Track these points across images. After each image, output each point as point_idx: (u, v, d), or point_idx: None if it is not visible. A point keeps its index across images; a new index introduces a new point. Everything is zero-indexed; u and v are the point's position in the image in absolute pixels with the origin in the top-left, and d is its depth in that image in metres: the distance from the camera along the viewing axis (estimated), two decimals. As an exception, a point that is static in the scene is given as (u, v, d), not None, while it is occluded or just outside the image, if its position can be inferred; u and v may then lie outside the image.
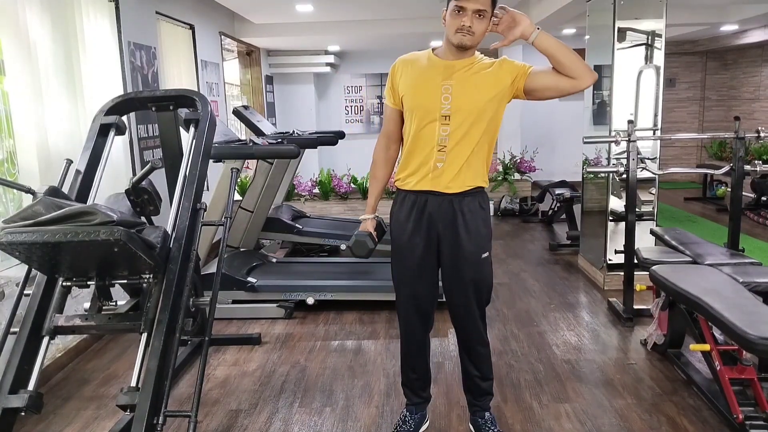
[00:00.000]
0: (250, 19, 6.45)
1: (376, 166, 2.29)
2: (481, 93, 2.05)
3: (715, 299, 2.37)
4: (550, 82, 2.06)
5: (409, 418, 2.41)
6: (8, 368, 1.98)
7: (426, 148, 2.09)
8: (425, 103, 2.07)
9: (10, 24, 2.97)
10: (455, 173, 2.09)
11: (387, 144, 2.26)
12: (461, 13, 1.96)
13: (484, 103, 2.06)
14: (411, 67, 2.13)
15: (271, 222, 4.97)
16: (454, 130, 2.06)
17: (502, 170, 7.14)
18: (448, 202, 2.13)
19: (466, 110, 2.05)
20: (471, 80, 2.05)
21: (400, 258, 2.24)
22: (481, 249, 2.18)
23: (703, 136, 7.40)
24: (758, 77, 8.54)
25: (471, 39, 1.99)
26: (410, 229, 2.17)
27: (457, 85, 2.04)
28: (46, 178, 3.05)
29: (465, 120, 2.05)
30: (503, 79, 2.07)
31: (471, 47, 2.04)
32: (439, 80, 2.05)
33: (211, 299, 2.32)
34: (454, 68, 2.06)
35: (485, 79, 2.06)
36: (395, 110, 2.20)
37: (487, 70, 2.07)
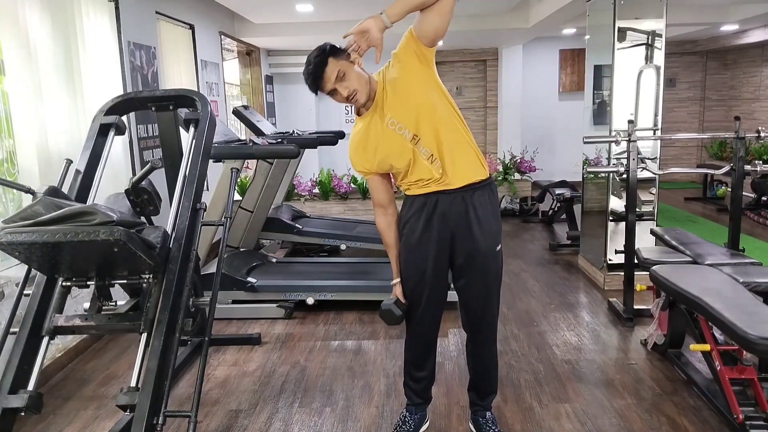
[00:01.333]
0: (250, 19, 6.45)
1: (384, 235, 2.29)
2: (413, 96, 2.05)
3: (715, 299, 2.37)
4: (433, 18, 1.96)
5: (409, 419, 2.41)
6: (8, 368, 1.98)
7: (423, 170, 2.10)
8: (394, 147, 2.08)
9: (10, 24, 2.97)
10: (454, 168, 2.09)
11: (383, 211, 2.27)
12: (335, 94, 2.01)
13: (421, 98, 2.05)
14: (362, 137, 2.15)
15: (271, 222, 4.97)
16: (426, 140, 2.06)
17: (502, 170, 7.13)
18: (460, 198, 2.12)
19: (417, 119, 2.05)
20: (397, 99, 2.05)
21: (412, 259, 2.23)
22: (495, 242, 2.19)
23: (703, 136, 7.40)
24: (758, 77, 8.54)
25: (361, 94, 2.01)
26: (421, 230, 2.17)
27: (395, 114, 2.05)
28: (46, 178, 3.05)
29: (427, 124, 2.05)
30: (411, 64, 2.04)
31: (368, 95, 2.04)
32: (383, 124, 2.07)
33: (211, 299, 2.32)
34: (379, 107, 2.07)
35: (402, 84, 2.05)
36: (376, 177, 2.21)
37: (396, 77, 2.06)
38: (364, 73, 2.04)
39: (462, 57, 8.91)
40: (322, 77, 1.98)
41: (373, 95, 2.07)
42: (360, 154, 2.18)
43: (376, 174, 2.21)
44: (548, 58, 9.07)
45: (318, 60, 1.97)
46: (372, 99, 2.08)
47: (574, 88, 9.02)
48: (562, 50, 9.04)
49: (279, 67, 8.35)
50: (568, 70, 9.12)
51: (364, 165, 2.19)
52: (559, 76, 9.15)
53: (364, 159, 2.17)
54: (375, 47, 1.96)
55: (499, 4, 6.19)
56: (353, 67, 1.99)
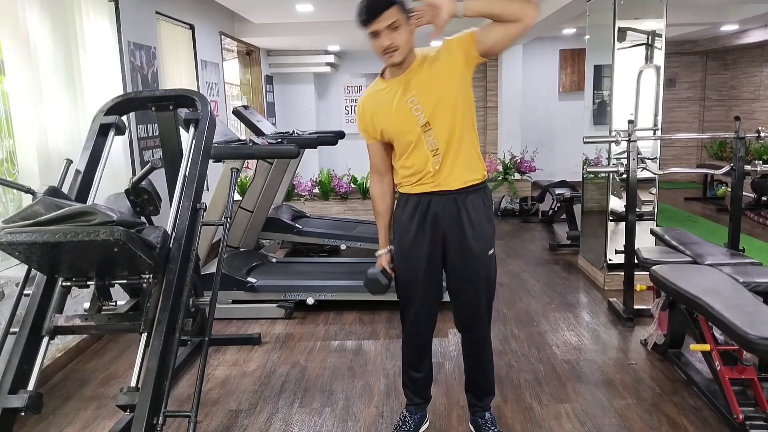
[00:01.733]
0: (250, 19, 6.45)
1: (375, 202, 2.29)
2: (444, 85, 2.04)
3: (715, 299, 2.37)
4: (499, 34, 1.97)
5: (409, 419, 2.41)
6: (8, 368, 1.98)
7: (421, 158, 2.09)
8: (402, 125, 2.07)
9: (10, 24, 2.97)
10: (452, 169, 2.09)
11: (380, 179, 2.27)
12: (377, 36, 1.95)
13: (451, 91, 2.05)
14: (376, 100, 2.13)
15: (271, 222, 4.97)
16: (438, 132, 2.06)
17: (502, 170, 7.13)
18: (453, 200, 2.12)
19: (438, 108, 2.04)
20: (429, 80, 2.04)
21: (405, 260, 2.23)
22: (487, 246, 2.18)
23: (703, 136, 7.40)
24: (758, 77, 8.54)
25: (399, 53, 1.98)
26: (414, 229, 2.17)
27: (418, 93, 2.04)
28: (46, 178, 3.05)
29: (443, 118, 2.05)
30: (456, 60, 2.04)
31: (404, 59, 2.02)
32: (402, 98, 2.06)
33: (211, 299, 2.32)
34: (408, 79, 2.05)
35: (440, 70, 2.04)
36: (377, 143, 2.20)
37: (438, 61, 2.05)
38: (412, 39, 2.01)
39: (462, 57, 8.90)
40: (380, 15, 1.90)
41: (407, 65, 2.05)
42: (368, 116, 2.15)
43: (378, 141, 2.19)
44: (548, 58, 9.07)
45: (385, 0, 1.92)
46: (403, 69, 2.05)
47: (574, 88, 9.03)
48: (562, 50, 9.04)
49: (279, 67, 8.36)
50: (568, 70, 9.12)
51: (367, 129, 2.17)
52: (559, 76, 9.15)
53: (370, 123, 2.15)
54: (435, 26, 1.93)
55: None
56: (408, 27, 1.96)
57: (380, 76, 2.15)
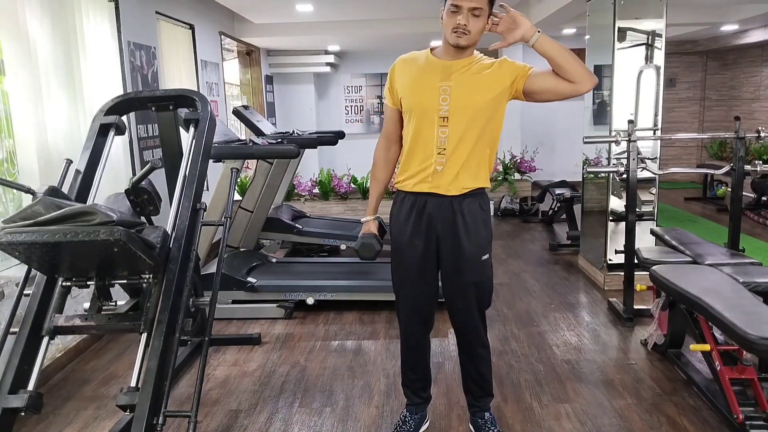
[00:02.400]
0: (250, 19, 6.45)
1: (376, 167, 2.28)
2: (480, 94, 2.04)
3: (715, 299, 2.37)
4: (550, 85, 2.04)
5: (409, 419, 2.41)
6: (8, 368, 1.98)
7: (426, 150, 2.08)
8: (423, 104, 2.06)
9: (10, 24, 2.97)
10: (454, 176, 2.08)
11: (387, 145, 2.25)
12: (457, 11, 1.94)
13: (483, 104, 2.04)
14: (409, 67, 2.12)
15: (271, 222, 4.97)
16: (452, 132, 2.04)
17: (502, 170, 7.14)
18: (448, 203, 2.12)
19: (464, 111, 2.03)
20: (469, 81, 2.04)
21: (400, 259, 2.23)
22: (481, 251, 2.17)
23: (703, 136, 7.40)
24: (758, 77, 8.54)
25: (467, 38, 1.98)
26: (410, 230, 2.16)
27: (455, 86, 2.03)
28: (46, 178, 3.05)
29: (463, 121, 2.04)
30: (503, 80, 2.06)
31: (468, 47, 2.02)
32: (437, 81, 2.04)
33: (211, 299, 2.32)
34: (452, 69, 2.04)
35: (484, 79, 2.05)
36: (395, 110, 2.19)
37: (487, 70, 2.06)
38: (482, 34, 2.02)
39: (462, 57, 8.90)
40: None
41: (460, 55, 2.04)
42: (394, 77, 2.14)
43: (396, 108, 2.17)
44: (548, 58, 9.05)
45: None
46: (456, 56, 2.04)
47: (574, 88, 9.01)
48: (562, 50, 9.02)
49: (279, 67, 8.36)
50: (568, 70, 9.10)
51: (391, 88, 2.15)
52: (559, 76, 9.13)
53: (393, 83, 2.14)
54: (504, 38, 2.01)
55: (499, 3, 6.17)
56: (486, 21, 1.98)
57: (429, 50, 2.13)
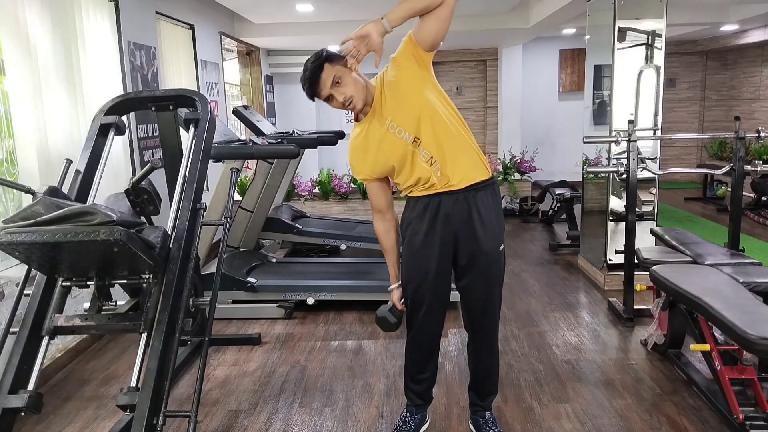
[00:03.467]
0: (250, 19, 6.45)
1: (381, 239, 2.30)
2: (412, 98, 2.05)
3: (715, 299, 2.37)
4: (432, 24, 1.96)
5: (410, 419, 2.41)
6: (8, 368, 1.98)
7: (422, 172, 2.10)
8: (394, 152, 2.09)
9: (10, 24, 2.97)
10: (454, 170, 2.09)
11: (381, 217, 2.28)
12: (330, 100, 2.01)
13: (420, 100, 2.04)
14: (361, 145, 2.15)
15: (271, 222, 4.97)
16: (427, 142, 2.06)
17: (502, 170, 7.13)
18: (463, 198, 2.12)
19: (416, 121, 2.04)
20: (397, 102, 2.05)
21: (416, 261, 2.21)
22: (498, 242, 2.19)
23: (703, 136, 7.38)
24: (758, 77, 8.54)
25: (357, 100, 2.01)
26: (425, 230, 2.16)
27: (394, 117, 2.06)
28: (46, 178, 3.05)
29: (426, 127, 2.05)
30: (409, 69, 2.04)
31: (365, 101, 2.05)
32: (382, 129, 2.08)
33: (211, 299, 2.32)
34: (377, 112, 2.08)
35: (401, 86, 2.05)
36: (375, 183, 2.22)
37: (395, 79, 2.06)
38: (361, 78, 2.04)
39: (462, 57, 8.91)
40: (318, 83, 1.98)
41: (371, 100, 2.08)
42: (360, 161, 2.18)
43: (376, 180, 2.21)
44: (548, 58, 9.07)
45: (314, 66, 1.97)
46: (370, 104, 2.08)
47: (574, 88, 9.02)
48: (562, 50, 9.04)
49: (279, 67, 8.35)
50: (568, 70, 9.12)
51: (364, 172, 2.20)
52: (559, 76, 9.15)
53: (364, 165, 2.18)
54: (374, 52, 1.95)
55: (499, 4, 6.19)
56: (350, 72, 1.99)
57: (355, 120, 2.17)
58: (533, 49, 8.83)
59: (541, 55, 9.00)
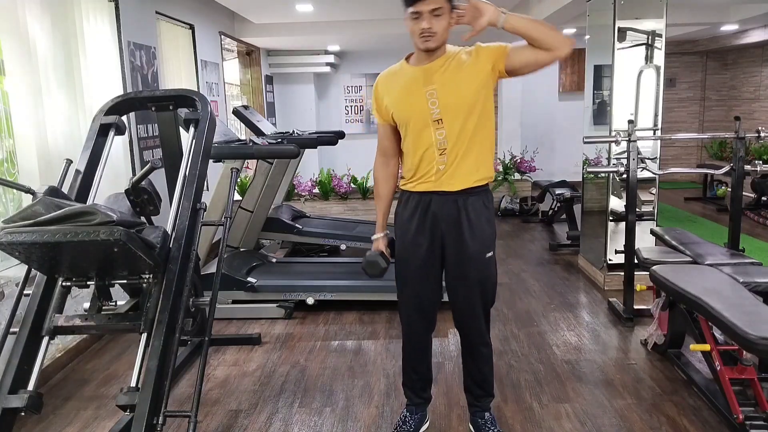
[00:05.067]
0: (250, 19, 6.45)
1: (378, 184, 2.29)
2: (466, 88, 2.05)
3: (715, 299, 2.37)
4: (530, 58, 2.02)
5: (410, 419, 2.41)
6: (8, 368, 1.98)
7: (427, 154, 2.10)
8: (415, 114, 2.08)
9: (10, 24, 2.97)
10: (457, 172, 2.10)
11: (385, 161, 2.27)
12: (418, 17, 1.96)
13: (471, 97, 2.06)
14: (392, 82, 2.14)
15: (271, 222, 4.97)
16: (449, 131, 2.06)
17: (502, 170, 7.14)
18: (453, 201, 2.13)
19: (455, 109, 2.05)
20: (452, 79, 2.05)
21: (404, 257, 2.24)
22: (485, 248, 2.18)
23: (703, 136, 7.41)
24: (758, 77, 8.54)
25: (435, 40, 1.99)
26: (414, 229, 2.18)
27: (440, 88, 2.05)
28: (46, 178, 3.05)
29: (457, 118, 2.06)
30: (483, 67, 2.06)
31: (438, 47, 2.03)
32: (422, 87, 2.06)
33: (211, 299, 2.32)
34: (431, 71, 2.06)
35: (466, 73, 2.05)
36: (387, 126, 2.21)
37: (466, 63, 2.06)
38: (448, 32, 2.01)
39: (462, 57, 8.90)
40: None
41: (435, 56, 2.05)
42: (380, 96, 2.16)
43: (388, 123, 2.19)
44: (548, 58, 9.05)
45: None
46: (431, 58, 2.05)
47: (574, 88, 9.02)
48: (562, 50, 9.02)
49: (279, 67, 8.36)
50: (568, 70, 9.12)
51: (379, 107, 2.17)
52: (559, 76, 9.15)
53: (380, 101, 2.15)
54: (473, 27, 1.98)
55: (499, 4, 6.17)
56: (449, 16, 1.97)
57: (405, 59, 2.15)
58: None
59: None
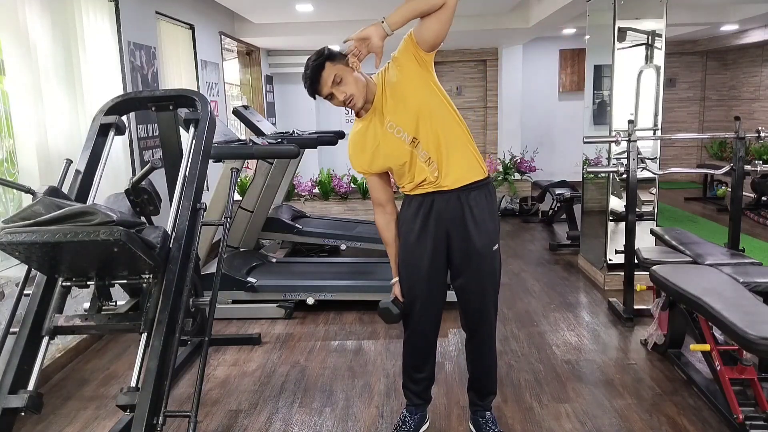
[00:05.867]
0: (250, 19, 6.45)
1: (382, 233, 2.31)
2: (411, 98, 2.06)
3: (715, 299, 2.37)
4: (433, 25, 1.96)
5: (409, 419, 2.41)
6: (8, 368, 1.98)
7: (418, 171, 2.12)
8: (393, 151, 2.11)
9: (10, 24, 2.97)
10: (449, 171, 2.11)
11: (382, 210, 2.29)
12: (332, 98, 2.03)
13: (421, 101, 2.06)
14: (361, 141, 2.17)
15: (271, 222, 4.97)
16: (426, 142, 2.08)
17: (502, 170, 7.13)
18: (456, 198, 2.14)
19: (418, 121, 2.06)
20: (397, 101, 2.07)
21: (410, 258, 2.24)
22: (491, 241, 2.19)
23: (703, 136, 7.40)
24: (758, 77, 8.54)
25: (358, 99, 2.03)
26: (418, 229, 2.18)
27: (393, 117, 2.07)
28: (46, 178, 3.05)
29: (425, 127, 2.07)
30: (410, 69, 2.05)
31: (365, 99, 2.06)
32: (382, 128, 2.10)
33: (211, 299, 2.32)
34: (379, 110, 2.09)
35: (402, 87, 2.06)
36: (374, 177, 2.24)
37: (396, 79, 2.06)
38: (362, 77, 2.05)
39: (462, 57, 8.91)
40: (319, 81, 2.00)
41: (372, 98, 2.09)
42: (358, 155, 2.20)
43: (375, 174, 2.23)
44: (548, 58, 9.07)
45: (316, 64, 1.99)
46: (371, 102, 2.10)
47: (574, 88, 9.02)
48: (562, 50, 9.04)
49: (279, 67, 8.35)
50: (568, 70, 9.12)
51: (362, 165, 2.22)
52: (559, 76, 9.15)
53: (362, 160, 2.20)
54: (375, 54, 1.97)
55: (499, 4, 6.19)
56: (351, 71, 2.01)
57: (356, 116, 2.19)
58: (533, 49, 8.83)
59: (541, 55, 9.00)
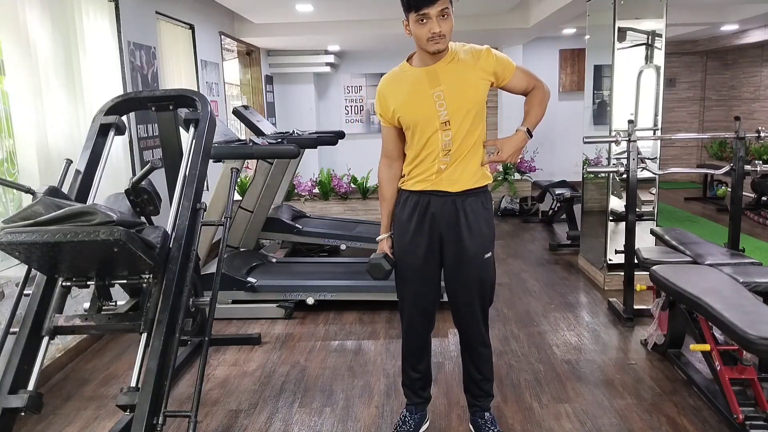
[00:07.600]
0: (250, 19, 6.45)
1: (382, 186, 2.30)
2: (473, 90, 2.07)
3: (715, 299, 2.37)
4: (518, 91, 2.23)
5: (409, 418, 2.41)
6: (8, 368, 1.98)
7: (432, 155, 2.11)
8: (423, 117, 2.07)
9: (10, 24, 2.97)
10: (459, 172, 2.11)
11: (389, 163, 2.27)
12: (426, 21, 1.94)
13: (476, 99, 2.08)
14: (397, 85, 2.12)
15: (271, 222, 4.97)
16: (456, 133, 2.07)
17: (502, 170, 7.13)
18: (451, 202, 2.13)
19: (463, 111, 2.06)
20: (458, 80, 2.05)
21: (403, 258, 2.24)
22: (484, 249, 2.18)
23: (703, 136, 7.41)
24: (758, 77, 8.54)
25: (444, 41, 1.99)
26: (412, 229, 2.18)
27: (447, 90, 2.05)
28: (46, 178, 3.05)
29: (464, 120, 2.07)
30: (487, 72, 2.09)
31: (443, 50, 2.03)
32: (428, 90, 2.05)
33: (211, 299, 2.32)
34: (437, 73, 2.05)
35: (471, 75, 2.07)
36: (392, 129, 2.20)
37: (471, 65, 2.07)
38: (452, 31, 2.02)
39: (462, 57, 8.90)
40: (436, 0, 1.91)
41: (439, 57, 2.04)
42: (384, 99, 2.13)
43: (392, 126, 2.18)
44: (548, 58, 9.06)
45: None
46: (435, 59, 2.04)
47: (574, 88, 9.02)
48: (562, 50, 9.04)
49: (279, 67, 8.36)
50: (568, 70, 9.12)
51: (383, 111, 2.15)
52: (559, 76, 9.15)
53: (384, 105, 2.13)
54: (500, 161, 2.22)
55: (499, 4, 6.18)
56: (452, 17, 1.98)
57: (407, 61, 2.14)
58: (533, 49, 8.83)
59: (541, 55, 8.99)
